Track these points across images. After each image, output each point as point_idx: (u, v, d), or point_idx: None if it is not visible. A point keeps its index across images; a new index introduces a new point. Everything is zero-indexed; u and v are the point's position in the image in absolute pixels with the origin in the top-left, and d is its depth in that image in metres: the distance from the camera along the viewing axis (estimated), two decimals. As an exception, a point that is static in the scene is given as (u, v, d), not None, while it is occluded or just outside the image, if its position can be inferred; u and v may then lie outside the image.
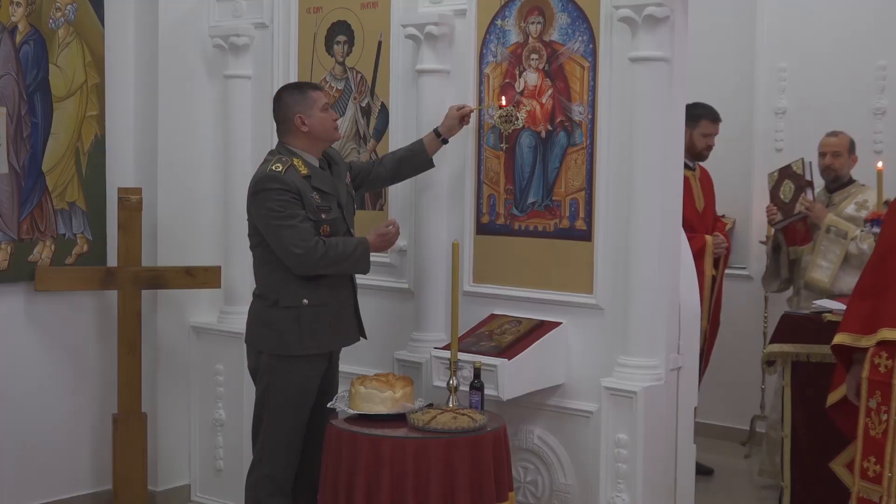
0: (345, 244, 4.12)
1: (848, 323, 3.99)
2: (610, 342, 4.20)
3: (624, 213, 4.12)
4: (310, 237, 4.06)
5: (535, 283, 4.41)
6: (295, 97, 4.21)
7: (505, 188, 4.47)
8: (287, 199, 4.07)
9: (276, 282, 4.19)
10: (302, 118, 4.18)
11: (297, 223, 4.06)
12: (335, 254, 4.08)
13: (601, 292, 4.23)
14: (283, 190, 4.08)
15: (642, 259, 4.06)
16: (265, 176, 4.14)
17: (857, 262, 5.25)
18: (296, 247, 4.05)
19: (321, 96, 4.25)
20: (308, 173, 4.17)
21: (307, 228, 4.06)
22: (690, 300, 4.32)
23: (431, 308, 4.64)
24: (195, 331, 5.44)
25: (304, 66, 5.11)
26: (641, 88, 4.04)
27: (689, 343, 4.29)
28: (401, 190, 4.74)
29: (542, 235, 4.38)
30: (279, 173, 4.10)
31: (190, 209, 5.46)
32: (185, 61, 5.43)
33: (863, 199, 5.42)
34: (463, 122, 4.42)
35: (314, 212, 4.12)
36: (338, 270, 4.14)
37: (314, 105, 4.20)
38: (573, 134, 4.28)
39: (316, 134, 4.21)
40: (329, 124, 4.23)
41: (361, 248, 4.15)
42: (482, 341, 4.28)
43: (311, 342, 4.17)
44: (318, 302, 4.17)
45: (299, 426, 4.23)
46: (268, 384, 4.24)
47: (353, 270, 4.19)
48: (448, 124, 4.40)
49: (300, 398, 4.21)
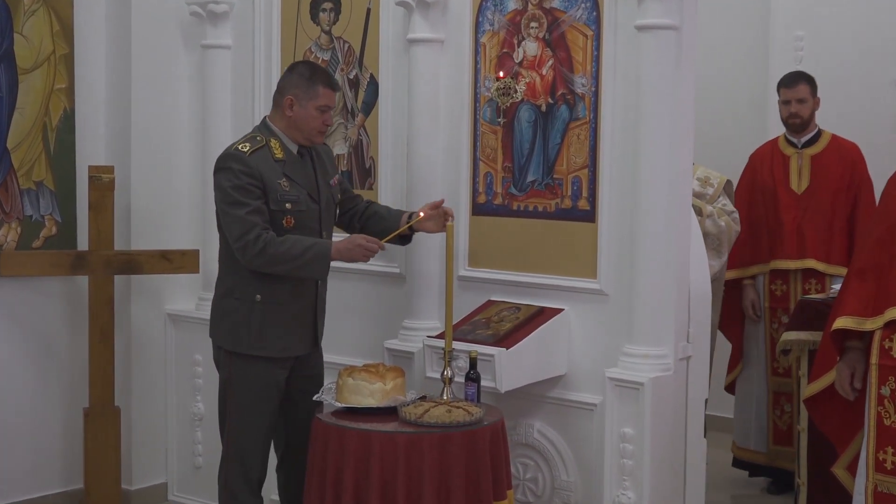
0: (294, 244, 4.02)
1: (848, 305, 3.96)
2: (615, 330, 4.20)
3: (630, 192, 4.11)
4: (251, 229, 3.99)
5: (535, 268, 4.40)
6: (302, 80, 4.16)
7: (503, 166, 4.46)
8: (242, 183, 4.03)
9: (233, 269, 4.17)
10: (292, 101, 4.15)
11: (243, 213, 4.00)
12: (276, 252, 3.99)
13: (605, 277, 4.23)
14: (241, 173, 4.03)
15: (649, 241, 4.05)
16: (227, 154, 4.12)
17: (715, 241, 5.33)
18: (235, 239, 4.02)
19: (327, 97, 4.16)
20: (282, 157, 4.13)
21: (251, 220, 3.99)
22: (700, 285, 4.31)
23: (424, 294, 4.63)
24: (172, 319, 5.43)
25: (287, 35, 5.08)
26: (648, 59, 4.02)
27: (699, 331, 4.29)
28: (391, 168, 4.73)
29: (542, 216, 4.37)
30: (243, 154, 4.07)
31: (166, 189, 5.45)
32: (161, 30, 5.40)
33: (703, 175, 5.46)
34: (442, 226, 4.24)
35: (277, 201, 4.07)
36: (283, 271, 4.06)
37: (313, 99, 4.14)
38: (575, 107, 4.26)
39: (296, 124, 4.17)
40: (314, 125, 4.16)
41: (315, 252, 4.02)
42: (478, 329, 4.28)
43: (258, 343, 4.15)
44: (272, 300, 4.13)
45: (264, 424, 4.22)
46: (227, 379, 4.23)
47: (303, 274, 4.10)
48: (426, 226, 4.24)
49: (261, 396, 4.19)
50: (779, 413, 5.79)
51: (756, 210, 5.78)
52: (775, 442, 5.80)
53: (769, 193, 5.75)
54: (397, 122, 4.75)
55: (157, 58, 5.39)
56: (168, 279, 5.40)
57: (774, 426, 5.79)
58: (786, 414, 5.75)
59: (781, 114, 5.78)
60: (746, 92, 6.54)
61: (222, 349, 4.24)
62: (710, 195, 5.43)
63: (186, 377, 5.37)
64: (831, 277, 5.58)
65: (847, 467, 4.19)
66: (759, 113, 6.62)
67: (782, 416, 5.77)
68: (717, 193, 5.45)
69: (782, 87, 5.75)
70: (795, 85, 5.69)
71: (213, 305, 4.29)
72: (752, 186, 5.85)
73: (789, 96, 5.71)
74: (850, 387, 4.02)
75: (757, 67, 6.65)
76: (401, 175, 4.74)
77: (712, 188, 5.46)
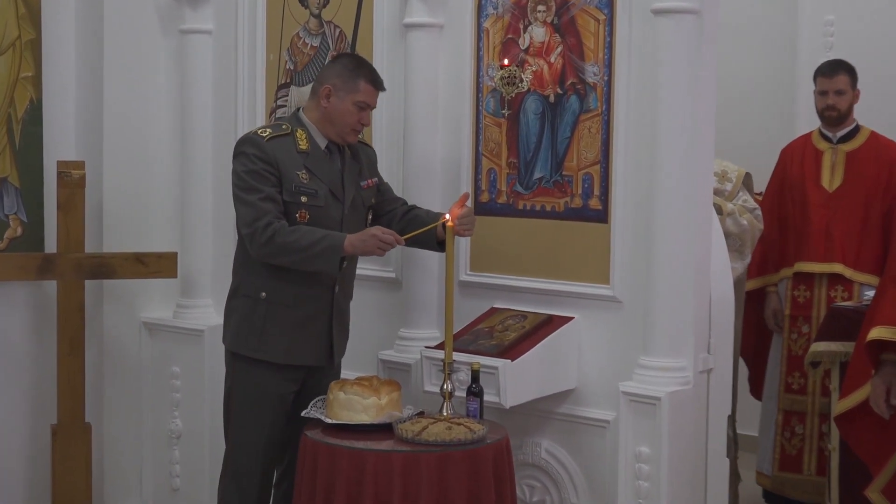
0: (305, 234, 4.05)
1: (883, 314, 3.96)
2: (629, 340, 4.20)
3: (646, 189, 4.11)
4: (262, 216, 4.04)
5: (542, 272, 4.40)
6: (345, 70, 4.19)
7: (507, 161, 4.46)
8: (257, 168, 4.08)
9: (243, 264, 4.25)
10: (330, 92, 4.17)
11: (255, 199, 4.06)
12: (285, 241, 4.03)
13: (619, 282, 4.23)
14: (256, 158, 4.09)
15: (667, 243, 4.05)
16: (245, 138, 4.20)
17: (737, 241, 5.32)
18: (245, 225, 4.08)
19: (368, 94, 4.19)
20: (306, 149, 4.17)
21: (263, 207, 4.05)
22: (722, 290, 4.31)
23: (422, 301, 4.63)
24: (147, 327, 5.43)
25: (273, 19, 5.09)
26: (666, 45, 4.02)
27: (721, 341, 4.29)
28: (385, 164, 4.73)
29: (550, 216, 4.37)
30: (261, 138, 4.12)
31: (141, 186, 5.45)
32: (136, 13, 5.40)
33: (720, 168, 5.46)
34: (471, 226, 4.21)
35: (292, 192, 4.11)
36: (290, 263, 4.08)
37: (352, 93, 4.17)
38: (586, 98, 4.27)
39: (330, 117, 4.20)
40: (349, 121, 4.19)
41: (327, 244, 4.05)
42: (481, 339, 4.28)
43: (260, 345, 4.19)
44: (277, 299, 4.17)
45: (262, 439, 4.24)
46: (230, 387, 4.31)
47: (313, 267, 4.12)
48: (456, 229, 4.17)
49: (261, 406, 4.22)
50: (788, 435, 5.73)
51: (785, 210, 5.77)
52: (781, 468, 5.72)
53: (798, 190, 5.74)
54: (392, 114, 4.75)
55: (132, 43, 5.38)
56: (143, 285, 5.39)
57: (782, 450, 5.74)
58: (796, 437, 5.70)
59: (817, 105, 5.76)
60: (772, 81, 6.54)
61: (228, 352, 4.31)
62: (728, 191, 5.42)
63: (163, 391, 5.37)
64: (860, 286, 5.56)
65: (882, 490, 4.19)
66: (786, 103, 6.63)
67: (792, 438, 5.71)
68: (735, 188, 5.45)
69: (820, 76, 5.71)
70: (834, 75, 5.65)
71: (226, 303, 4.35)
72: (781, 185, 5.83)
73: (827, 87, 5.67)
74: (885, 404, 4.02)
75: (783, 54, 6.65)
76: (396, 171, 4.73)
77: (730, 183, 5.45)
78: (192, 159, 5.31)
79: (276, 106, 5.12)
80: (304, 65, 5.02)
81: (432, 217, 4.33)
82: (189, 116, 5.32)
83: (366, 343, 4.77)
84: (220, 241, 5.29)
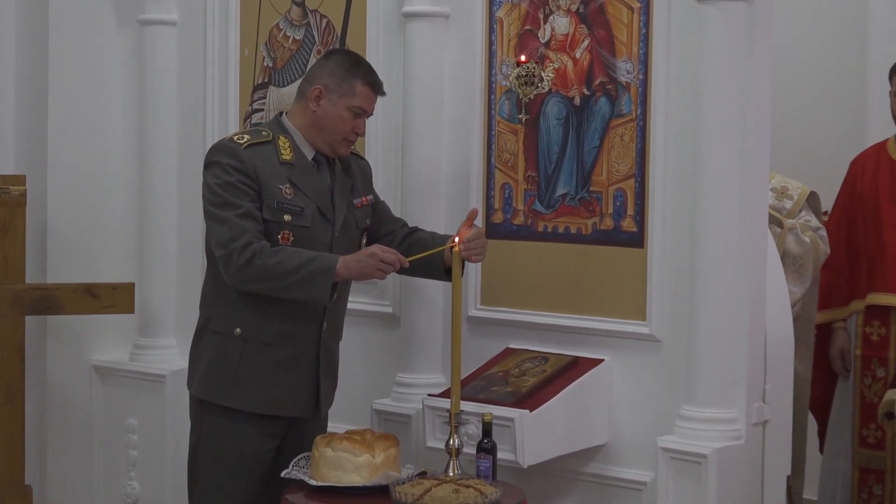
0: (291, 256, 4.05)
1: None
2: (670, 387, 4.21)
3: (689, 208, 4.13)
4: (240, 235, 4.04)
5: (566, 306, 4.41)
6: (339, 69, 4.20)
7: (525, 175, 4.48)
8: (233, 181, 4.08)
9: (214, 294, 4.24)
10: (321, 94, 4.18)
11: (231, 216, 4.06)
12: (266, 264, 4.02)
13: (657, 318, 4.24)
14: (231, 168, 4.09)
15: (714, 272, 4.06)
16: (218, 146, 4.20)
17: (797, 261, 5.33)
18: (219, 245, 4.07)
19: (364, 97, 4.20)
20: (290, 160, 4.17)
21: (241, 225, 4.05)
22: (780, 328, 4.32)
23: (424, 340, 4.64)
24: (99, 372, 5.44)
25: (248, 7, 5.12)
26: (712, 38, 4.04)
27: (779, 387, 4.29)
28: (381, 177, 4.74)
29: (576, 240, 4.39)
30: (238, 145, 4.12)
31: (93, 205, 5.46)
32: (86, 2, 5.42)
33: (780, 185, 5.46)
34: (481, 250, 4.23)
35: (273, 209, 4.11)
36: (272, 290, 4.08)
37: (347, 96, 4.18)
38: (618, 100, 4.29)
39: (320, 123, 4.20)
40: (341, 129, 4.20)
41: (317, 266, 4.05)
42: (494, 385, 4.29)
43: (233, 393, 4.18)
44: (255, 337, 4.17)
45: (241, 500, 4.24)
46: (197, 442, 4.29)
47: (298, 295, 4.11)
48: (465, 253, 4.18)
49: (234, 465, 4.21)
50: (865, 496, 5.72)
51: (855, 232, 5.77)
52: None
53: (870, 209, 5.74)
54: (389, 120, 4.78)
55: (82, 37, 5.41)
56: (94, 321, 5.40)
57: None
58: (874, 498, 5.69)
59: (893, 109, 5.78)
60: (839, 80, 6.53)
61: (194, 400, 4.29)
62: (787, 209, 5.44)
63: (117, 448, 5.37)
64: None
65: None
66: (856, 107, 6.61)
67: (870, 500, 5.70)
68: (796, 207, 5.46)
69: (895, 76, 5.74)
70: None
71: (192, 345, 4.35)
72: (851, 202, 5.83)
73: None
74: None
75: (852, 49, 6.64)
76: (394, 187, 4.76)
77: (791, 201, 5.46)
78: (154, 172, 5.32)
79: (251, 110, 5.15)
80: (285, 61, 5.05)
81: (438, 240, 4.34)
82: (150, 122, 5.34)
83: (358, 390, 4.78)
84: (185, 269, 5.31)
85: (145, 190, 5.35)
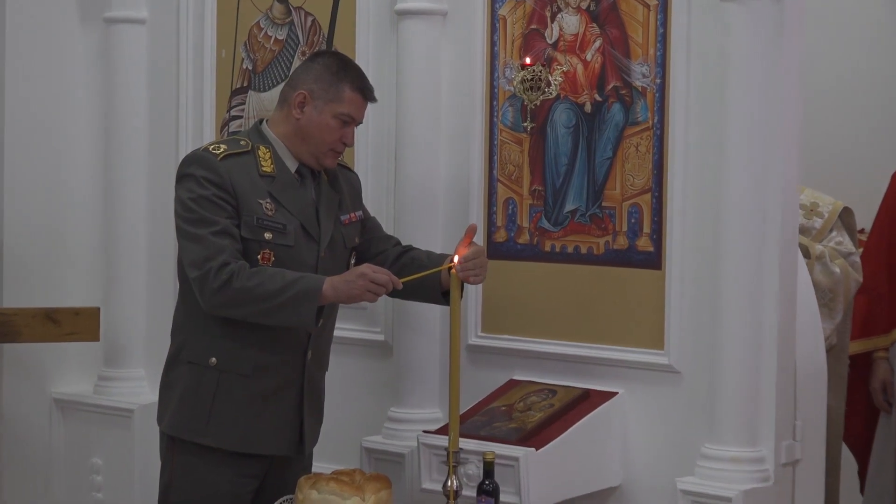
0: (272, 277, 4.04)
1: None
2: (690, 423, 4.21)
3: (711, 226, 4.13)
4: (216, 254, 4.03)
5: (575, 333, 4.42)
6: (325, 73, 4.19)
7: (530, 189, 4.49)
8: (208, 195, 4.07)
9: (187, 320, 4.24)
10: (305, 100, 4.17)
11: (206, 233, 4.05)
12: (245, 286, 4.01)
13: (677, 347, 4.24)
14: (206, 181, 4.08)
15: (739, 296, 4.07)
16: (192, 157, 4.19)
17: (826, 295, 5.34)
18: (193, 266, 4.06)
19: (354, 104, 4.20)
20: (271, 172, 4.16)
21: (217, 244, 4.04)
22: (812, 358, 4.32)
23: (419, 370, 4.65)
24: (60, 406, 5.44)
25: (226, 4, 5.13)
26: (736, 38, 4.05)
27: (811, 424, 4.30)
28: (371, 191, 4.75)
29: (586, 261, 4.39)
30: (213, 156, 4.12)
31: (53, 222, 5.46)
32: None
33: (809, 200, 5.47)
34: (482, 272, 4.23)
35: (253, 226, 4.11)
36: (252, 315, 4.08)
37: (334, 102, 4.17)
38: (633, 107, 4.29)
39: (304, 132, 4.19)
40: (327, 139, 4.19)
41: (300, 289, 4.04)
42: (496, 421, 4.29)
43: (208, 429, 4.18)
44: (232, 367, 4.17)
45: None
46: (168, 483, 4.28)
47: (280, 320, 4.10)
48: (464, 274, 4.17)
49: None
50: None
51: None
52: None
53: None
54: (380, 127, 4.79)
55: (41, 36, 5.42)
56: (56, 350, 5.40)
57: None
58: None
59: None
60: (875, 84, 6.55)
61: (165, 437, 4.28)
62: (817, 228, 5.44)
63: (80, 490, 5.37)
64: None
65: None
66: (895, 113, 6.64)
67: None
68: (827, 226, 5.45)
69: None
70: None
71: (162, 376, 4.34)
72: (892, 217, 5.84)
73: None
74: None
75: (889, 49, 6.67)
76: (385, 202, 4.77)
77: (821, 219, 5.46)
78: (121, 186, 5.32)
79: (229, 117, 5.16)
80: (266, 64, 5.05)
81: (434, 260, 4.34)
82: (117, 131, 5.35)
83: (346, 426, 4.79)
84: (156, 292, 5.31)
85: (111, 205, 5.35)
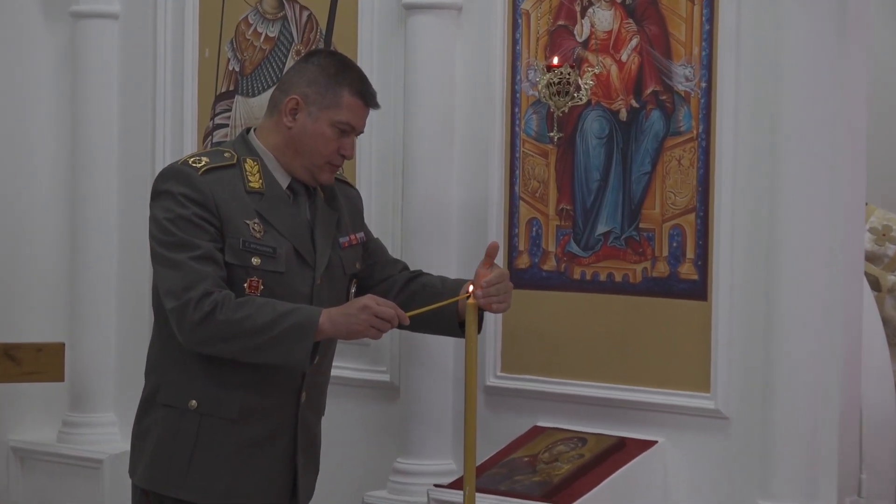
0: (262, 308, 4.02)
1: None
2: (740, 475, 4.21)
3: (764, 251, 4.14)
4: (197, 283, 4.00)
5: (609, 374, 4.42)
6: (321, 75, 4.18)
7: (557, 209, 4.49)
8: (188, 214, 4.06)
9: (163, 358, 4.22)
10: (298, 106, 4.16)
11: (186, 259, 4.03)
12: (230, 319, 4.00)
13: (724, 389, 4.24)
14: (186, 199, 4.06)
15: (795, 332, 4.07)
16: (168, 171, 4.17)
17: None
18: (170, 296, 4.04)
19: (353, 111, 4.18)
20: (259, 188, 4.16)
21: (199, 271, 4.02)
22: (880, 405, 4.33)
23: (429, 415, 4.66)
24: (19, 456, 5.46)
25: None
26: (793, 36, 4.05)
27: (880, 477, 4.30)
28: (375, 208, 4.76)
29: (621, 290, 4.40)
30: (194, 170, 4.11)
31: (12, 246, 5.48)
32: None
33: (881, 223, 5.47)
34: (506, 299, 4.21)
35: (238, 250, 4.10)
36: (237, 352, 4.06)
37: (331, 108, 4.15)
38: (675, 115, 4.30)
39: (297, 143, 4.18)
40: (323, 151, 4.16)
41: (293, 322, 4.02)
42: (518, 474, 4.30)
43: (187, 481, 4.16)
44: (215, 411, 4.15)
45: None
46: None
47: (270, 357, 4.08)
48: (485, 301, 4.15)
49: None
50: None
51: None
52: None
53: None
54: (385, 137, 4.81)
55: (1, 34, 5.43)
56: (14, 392, 5.41)
57: None
58: None
59: None
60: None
61: (139, 491, 4.26)
62: (890, 256, 5.44)
63: (42, 550, 5.39)
64: None
65: None
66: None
67: None
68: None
69: None
70: None
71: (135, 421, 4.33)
72: None
73: None
74: None
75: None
76: (391, 222, 4.79)
77: (894, 245, 5.46)
78: (89, 204, 5.33)
79: (212, 125, 5.16)
80: (255, 65, 5.06)
81: (449, 287, 4.31)
82: (85, 140, 5.37)
83: (346, 479, 4.80)
84: (128, 327, 5.32)
85: (78, 226, 5.36)
